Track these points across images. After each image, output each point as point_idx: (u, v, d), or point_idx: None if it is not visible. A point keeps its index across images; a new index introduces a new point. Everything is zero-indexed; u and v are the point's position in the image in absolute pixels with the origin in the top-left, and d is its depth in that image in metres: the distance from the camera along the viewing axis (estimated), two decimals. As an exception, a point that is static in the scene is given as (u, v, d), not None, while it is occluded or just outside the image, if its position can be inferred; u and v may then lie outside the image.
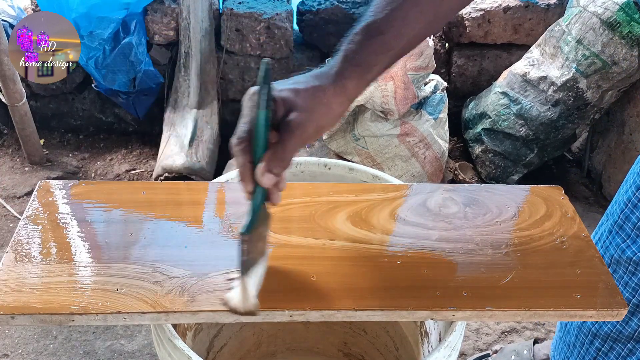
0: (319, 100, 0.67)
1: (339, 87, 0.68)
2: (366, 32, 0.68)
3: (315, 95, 0.67)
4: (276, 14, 2.02)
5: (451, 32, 2.19)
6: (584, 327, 1.05)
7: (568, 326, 1.11)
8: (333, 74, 0.68)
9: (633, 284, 0.94)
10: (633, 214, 0.93)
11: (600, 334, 1.01)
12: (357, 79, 0.69)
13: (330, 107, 0.67)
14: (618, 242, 0.96)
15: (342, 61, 0.68)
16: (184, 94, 2.07)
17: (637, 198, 0.93)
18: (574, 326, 1.08)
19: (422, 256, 0.78)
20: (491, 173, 2.07)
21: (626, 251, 0.94)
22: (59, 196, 0.85)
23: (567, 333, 1.11)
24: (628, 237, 0.94)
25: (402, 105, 1.78)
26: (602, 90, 1.90)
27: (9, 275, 0.71)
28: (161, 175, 1.92)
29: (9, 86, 1.87)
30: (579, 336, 1.06)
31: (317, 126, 0.67)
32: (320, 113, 0.67)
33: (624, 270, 0.95)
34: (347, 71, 0.68)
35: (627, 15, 1.77)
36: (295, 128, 0.65)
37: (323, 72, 0.69)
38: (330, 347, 1.27)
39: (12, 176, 2.06)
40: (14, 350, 1.52)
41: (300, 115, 0.65)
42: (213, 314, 0.69)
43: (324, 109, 0.67)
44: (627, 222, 0.95)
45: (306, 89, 0.67)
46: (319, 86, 0.67)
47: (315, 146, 1.99)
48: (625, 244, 0.95)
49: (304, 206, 0.86)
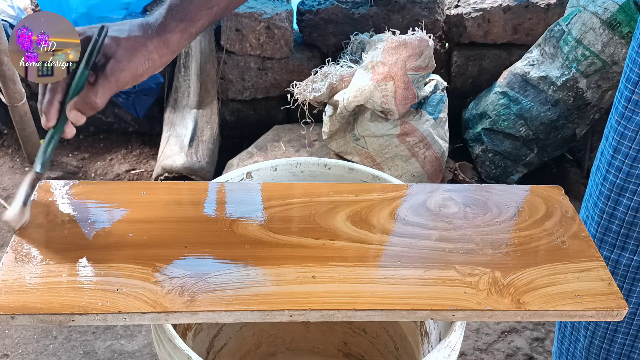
0: (139, 52, 0.71)
1: (162, 40, 0.71)
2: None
3: (136, 46, 0.71)
4: (276, 14, 2.02)
5: (451, 32, 2.19)
6: (593, 347, 1.02)
7: (572, 349, 1.08)
8: (157, 27, 0.71)
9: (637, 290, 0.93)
10: (612, 224, 0.92)
11: (613, 351, 1.00)
12: (180, 33, 0.72)
13: (150, 58, 0.71)
14: (606, 255, 0.94)
15: (167, 14, 0.72)
16: (184, 94, 2.07)
17: (610, 207, 0.91)
18: (581, 348, 1.05)
19: (422, 256, 0.78)
20: (491, 173, 2.07)
21: (620, 260, 0.93)
22: (59, 196, 0.85)
23: (572, 357, 1.08)
24: (615, 247, 0.93)
25: (402, 105, 1.78)
26: (602, 90, 1.90)
27: (9, 275, 0.71)
28: (161, 175, 1.92)
29: (9, 86, 1.86)
30: (590, 359, 1.04)
31: (133, 75, 0.71)
32: (138, 63, 0.71)
33: (622, 279, 0.94)
34: (171, 25, 0.71)
35: (627, 15, 1.77)
36: (110, 75, 0.70)
37: (149, 22, 0.72)
38: (330, 347, 1.27)
39: (12, 176, 2.06)
40: (14, 350, 1.52)
41: (117, 65, 0.70)
42: (213, 314, 0.69)
43: (142, 60, 0.71)
44: (609, 233, 0.93)
45: (127, 39, 0.71)
46: (140, 38, 0.71)
47: (315, 146, 2.00)
48: (615, 254, 0.93)
49: (304, 206, 0.86)
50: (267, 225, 0.82)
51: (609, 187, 0.91)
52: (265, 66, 2.13)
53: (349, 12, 2.07)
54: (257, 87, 2.17)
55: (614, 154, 0.90)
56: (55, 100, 0.73)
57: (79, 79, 0.73)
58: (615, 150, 0.89)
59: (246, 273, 0.74)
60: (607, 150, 0.92)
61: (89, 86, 0.72)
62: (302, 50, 2.16)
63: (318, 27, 2.08)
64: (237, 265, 0.75)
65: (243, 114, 2.26)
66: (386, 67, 1.75)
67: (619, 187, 0.90)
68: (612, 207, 0.91)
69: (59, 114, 0.74)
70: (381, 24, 2.06)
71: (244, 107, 2.25)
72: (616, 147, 0.89)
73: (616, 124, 0.89)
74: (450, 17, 2.16)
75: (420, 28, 1.83)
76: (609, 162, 0.91)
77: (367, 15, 2.07)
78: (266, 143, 2.03)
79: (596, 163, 0.97)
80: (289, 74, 2.13)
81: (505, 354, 1.57)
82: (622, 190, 0.89)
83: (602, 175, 0.93)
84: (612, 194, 0.91)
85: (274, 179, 1.02)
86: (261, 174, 1.02)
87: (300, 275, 0.74)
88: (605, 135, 0.94)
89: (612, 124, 0.91)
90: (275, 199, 0.88)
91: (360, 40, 1.98)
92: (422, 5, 2.09)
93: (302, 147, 2.00)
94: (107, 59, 0.71)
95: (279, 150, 1.99)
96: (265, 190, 0.90)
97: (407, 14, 2.09)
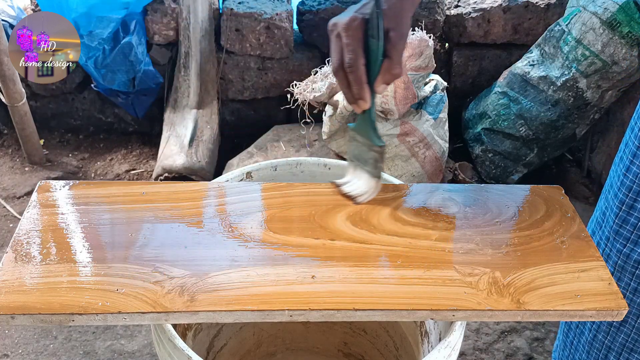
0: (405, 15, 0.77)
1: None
2: None
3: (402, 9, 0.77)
4: (276, 14, 2.02)
5: (451, 32, 2.19)
6: (596, 342, 1.02)
7: (576, 343, 1.08)
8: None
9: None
10: (631, 216, 0.91)
11: (615, 346, 0.99)
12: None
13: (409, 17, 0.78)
14: (619, 248, 0.93)
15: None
16: (184, 94, 2.07)
17: (631, 199, 0.91)
18: (584, 342, 1.05)
19: (422, 256, 0.78)
20: (491, 173, 2.07)
21: (631, 255, 0.92)
22: (59, 196, 0.85)
23: (575, 350, 1.08)
24: (628, 241, 0.93)
25: (402, 105, 1.78)
26: (602, 90, 1.90)
27: (9, 275, 0.71)
28: (161, 175, 1.92)
29: (9, 86, 1.87)
30: (592, 352, 1.03)
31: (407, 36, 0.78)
32: (409, 24, 0.78)
33: (631, 276, 0.93)
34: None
35: (627, 15, 1.77)
36: (397, 43, 0.76)
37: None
38: (330, 347, 1.27)
39: (12, 176, 2.06)
40: (14, 350, 1.52)
41: (397, 32, 0.76)
42: (213, 314, 0.69)
43: (409, 20, 0.78)
44: (625, 225, 0.92)
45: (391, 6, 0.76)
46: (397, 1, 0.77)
47: (315, 146, 1.99)
48: (628, 248, 0.92)
49: (304, 206, 0.86)
50: (267, 225, 0.82)
51: (631, 179, 0.90)
52: (265, 66, 2.13)
53: (349, 12, 2.06)
54: (257, 87, 2.17)
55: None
56: (363, 82, 0.77)
57: (376, 56, 0.76)
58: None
59: (246, 273, 0.74)
60: (632, 141, 0.90)
61: (387, 60, 0.76)
62: (302, 50, 2.16)
63: (318, 27, 2.08)
64: (237, 265, 0.75)
65: (243, 114, 2.26)
66: (386, 67, 1.75)
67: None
68: (633, 198, 0.90)
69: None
70: (381, 24, 2.06)
71: (244, 107, 2.25)
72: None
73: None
74: (450, 17, 2.16)
75: (420, 28, 1.83)
76: (633, 154, 0.89)
77: (367, 15, 2.07)
78: (266, 143, 2.03)
79: (619, 154, 0.96)
80: (289, 74, 2.13)
81: (505, 354, 1.57)
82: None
83: (625, 166, 0.91)
84: (634, 185, 0.90)
85: (274, 179, 1.02)
86: (261, 174, 1.02)
87: (300, 275, 0.74)
88: (630, 127, 0.93)
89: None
90: (275, 198, 0.88)
91: (360, 40, 1.98)
92: (422, 5, 2.09)
93: (302, 147, 2.00)
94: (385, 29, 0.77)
95: (279, 150, 1.99)
96: (265, 190, 0.90)
97: (407, 14, 2.08)
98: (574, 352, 1.08)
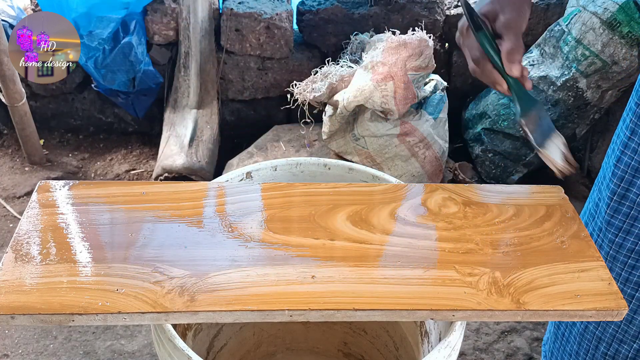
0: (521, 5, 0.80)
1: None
2: None
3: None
4: (276, 14, 2.02)
5: (451, 32, 2.19)
6: (587, 333, 1.03)
7: (567, 334, 1.09)
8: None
9: (635, 278, 0.93)
10: (622, 205, 0.92)
11: (605, 337, 1.00)
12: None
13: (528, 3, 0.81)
14: (611, 238, 0.94)
15: None
16: (184, 94, 2.07)
17: (623, 189, 0.92)
18: (576, 333, 1.06)
19: (422, 256, 0.78)
20: (491, 173, 2.07)
21: (624, 244, 0.93)
22: (59, 196, 0.85)
23: (567, 342, 1.09)
24: (620, 230, 0.93)
25: (402, 105, 1.78)
26: (602, 90, 1.90)
27: (9, 275, 0.71)
28: (161, 175, 1.92)
29: (9, 86, 1.86)
30: (582, 343, 1.04)
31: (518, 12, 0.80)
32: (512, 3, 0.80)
33: (622, 266, 0.94)
34: None
35: (627, 15, 1.77)
36: (509, 28, 0.80)
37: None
38: (330, 347, 1.27)
39: (12, 176, 2.06)
40: (14, 350, 1.52)
41: (506, 17, 0.80)
42: (213, 314, 0.69)
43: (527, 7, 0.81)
44: (617, 215, 0.93)
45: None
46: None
47: (315, 146, 1.99)
48: (620, 237, 0.93)
49: (304, 206, 0.86)
50: (267, 225, 0.82)
51: (623, 169, 0.91)
52: (265, 66, 2.13)
53: (349, 12, 2.07)
54: (257, 87, 2.17)
55: (630, 135, 0.90)
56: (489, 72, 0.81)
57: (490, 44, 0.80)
58: (632, 133, 0.89)
59: (246, 273, 0.74)
60: (623, 132, 0.92)
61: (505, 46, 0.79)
62: (302, 50, 2.16)
63: (318, 27, 2.08)
64: (237, 265, 0.75)
65: (243, 114, 2.26)
66: (386, 67, 1.75)
67: (633, 168, 0.90)
68: (625, 188, 0.92)
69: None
70: (381, 24, 2.06)
71: (244, 107, 2.25)
72: (634, 129, 0.89)
73: (635, 106, 0.89)
74: (450, 17, 2.16)
75: (420, 28, 1.83)
76: (624, 144, 0.91)
77: (367, 15, 2.07)
78: (266, 143, 2.03)
79: (611, 146, 0.97)
80: (289, 74, 2.13)
81: (505, 354, 1.57)
82: (637, 172, 0.89)
83: (616, 157, 0.93)
84: (626, 175, 0.91)
85: (274, 179, 1.02)
86: (261, 174, 1.02)
87: (300, 275, 0.74)
88: (622, 119, 0.94)
89: (632, 107, 0.91)
90: (275, 198, 0.88)
91: (360, 40, 1.98)
92: (422, 5, 2.09)
93: (302, 147, 2.00)
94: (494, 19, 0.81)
95: (279, 150, 1.99)
96: (265, 190, 0.90)
97: (407, 14, 2.09)
98: (565, 343, 1.09)
